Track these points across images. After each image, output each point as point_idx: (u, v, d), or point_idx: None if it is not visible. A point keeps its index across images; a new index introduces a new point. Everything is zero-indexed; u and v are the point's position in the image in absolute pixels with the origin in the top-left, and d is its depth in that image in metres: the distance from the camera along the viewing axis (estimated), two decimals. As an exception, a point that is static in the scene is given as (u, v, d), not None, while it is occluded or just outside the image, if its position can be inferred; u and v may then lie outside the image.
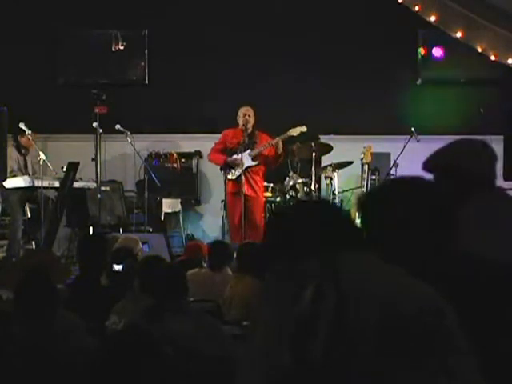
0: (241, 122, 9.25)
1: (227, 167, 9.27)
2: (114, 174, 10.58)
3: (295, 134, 9.15)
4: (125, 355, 2.66)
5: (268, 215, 9.32)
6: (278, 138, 9.13)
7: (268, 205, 9.53)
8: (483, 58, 9.60)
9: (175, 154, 10.69)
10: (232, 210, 9.23)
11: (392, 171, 9.72)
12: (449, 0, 9.07)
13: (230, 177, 9.25)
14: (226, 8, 10.78)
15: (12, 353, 3.64)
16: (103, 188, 9.74)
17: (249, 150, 9.16)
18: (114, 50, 11.06)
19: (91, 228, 9.55)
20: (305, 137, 9.41)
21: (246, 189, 9.07)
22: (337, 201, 9.54)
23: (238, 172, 9.12)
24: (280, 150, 9.13)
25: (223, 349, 3.94)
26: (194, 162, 10.84)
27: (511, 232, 2.74)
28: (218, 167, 9.46)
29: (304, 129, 9.15)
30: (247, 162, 9.12)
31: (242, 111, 9.28)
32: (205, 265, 6.40)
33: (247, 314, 4.99)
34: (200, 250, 6.78)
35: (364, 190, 9.30)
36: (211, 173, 10.46)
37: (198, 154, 10.82)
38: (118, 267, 5.35)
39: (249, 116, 9.24)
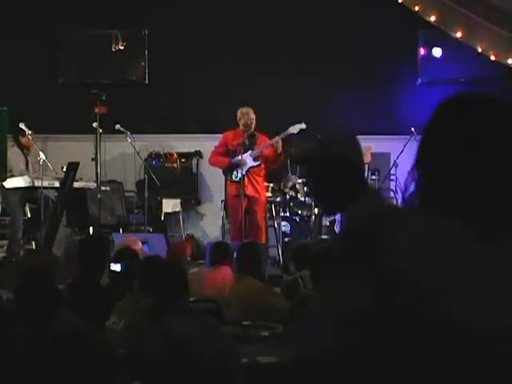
0: (242, 122, 9.15)
1: (231, 169, 9.20)
2: (114, 174, 10.58)
3: (295, 132, 9.04)
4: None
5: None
6: (277, 137, 9.06)
7: (268, 205, 9.52)
8: (483, 57, 9.60)
9: (175, 154, 10.69)
10: (234, 211, 9.18)
11: (392, 171, 9.71)
12: (449, 0, 9.07)
13: (233, 178, 9.16)
14: (226, 8, 10.78)
15: (12, 353, 3.64)
16: (103, 188, 9.75)
17: (250, 151, 9.11)
18: (113, 49, 11.05)
19: (91, 228, 9.55)
20: (304, 137, 9.39)
21: (248, 190, 9.03)
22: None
23: (240, 173, 9.07)
24: (280, 149, 9.05)
25: (223, 349, 3.94)
26: (194, 161, 10.84)
27: None
28: (220, 169, 9.41)
29: (303, 126, 9.02)
30: (249, 162, 9.08)
31: (243, 112, 9.15)
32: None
33: (247, 314, 5.00)
34: (183, 250, 6.82)
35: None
36: (211, 173, 10.45)
37: (198, 154, 10.81)
38: (115, 266, 5.35)
39: (251, 117, 9.17)
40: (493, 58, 9.49)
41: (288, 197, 9.66)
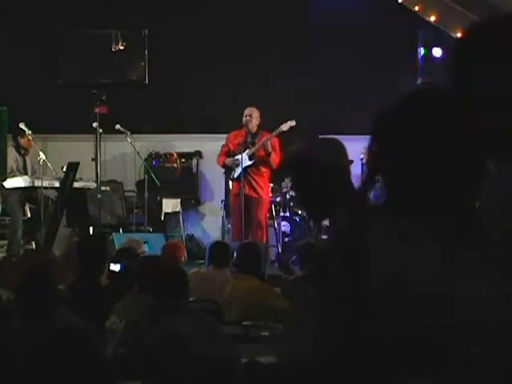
0: (243, 121, 9.21)
1: (227, 169, 9.24)
2: (114, 174, 10.59)
3: (285, 129, 9.06)
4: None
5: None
6: (269, 135, 9.08)
7: (268, 205, 9.51)
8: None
9: (175, 154, 10.69)
10: (234, 211, 9.20)
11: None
12: (449, 0, 9.08)
13: (231, 177, 9.23)
14: (226, 8, 10.78)
15: (12, 353, 3.64)
16: (103, 188, 9.75)
17: (247, 150, 9.14)
18: (113, 49, 11.05)
19: (91, 228, 9.55)
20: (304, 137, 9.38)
21: (247, 189, 9.04)
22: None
23: (237, 172, 9.10)
24: (269, 149, 9.02)
25: (223, 349, 3.93)
26: (194, 161, 10.84)
27: None
28: (221, 169, 9.45)
29: (293, 123, 9.06)
30: (245, 161, 9.10)
31: (245, 112, 9.24)
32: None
33: (247, 314, 5.00)
34: (177, 250, 6.82)
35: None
36: (211, 173, 10.46)
37: (198, 154, 10.82)
38: (115, 267, 5.35)
39: (250, 116, 9.20)
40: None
41: (288, 197, 9.65)
